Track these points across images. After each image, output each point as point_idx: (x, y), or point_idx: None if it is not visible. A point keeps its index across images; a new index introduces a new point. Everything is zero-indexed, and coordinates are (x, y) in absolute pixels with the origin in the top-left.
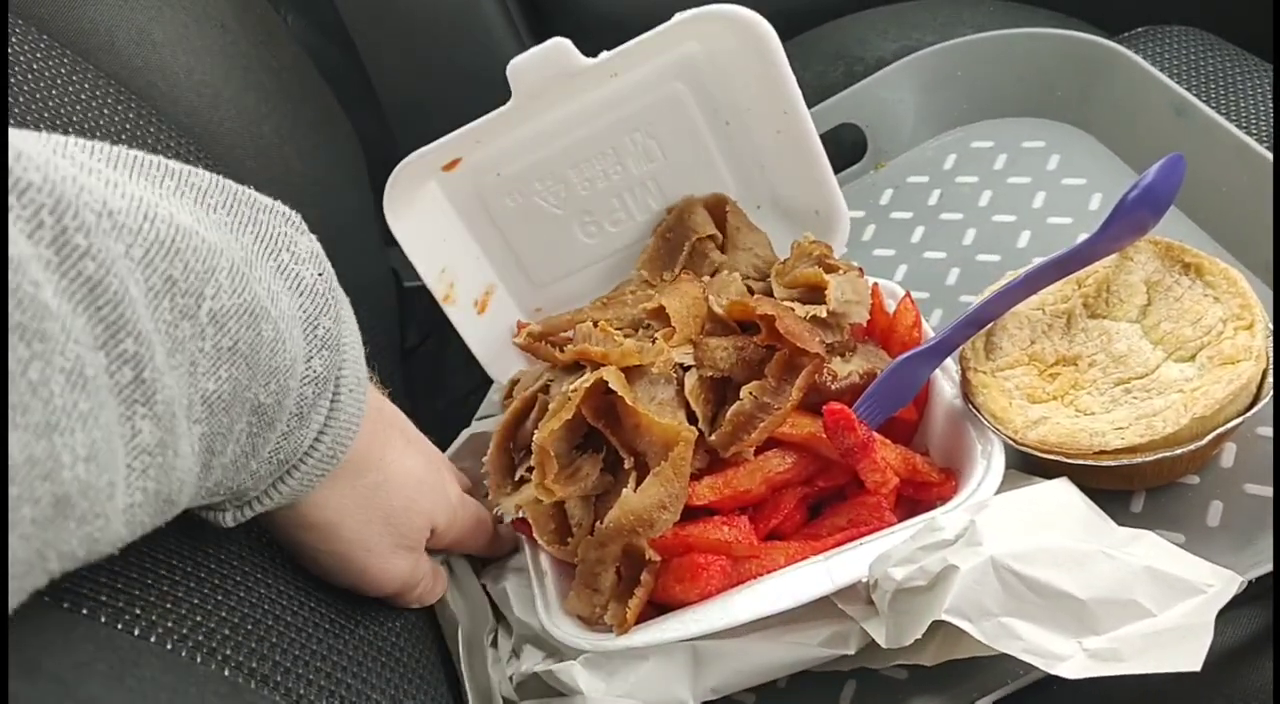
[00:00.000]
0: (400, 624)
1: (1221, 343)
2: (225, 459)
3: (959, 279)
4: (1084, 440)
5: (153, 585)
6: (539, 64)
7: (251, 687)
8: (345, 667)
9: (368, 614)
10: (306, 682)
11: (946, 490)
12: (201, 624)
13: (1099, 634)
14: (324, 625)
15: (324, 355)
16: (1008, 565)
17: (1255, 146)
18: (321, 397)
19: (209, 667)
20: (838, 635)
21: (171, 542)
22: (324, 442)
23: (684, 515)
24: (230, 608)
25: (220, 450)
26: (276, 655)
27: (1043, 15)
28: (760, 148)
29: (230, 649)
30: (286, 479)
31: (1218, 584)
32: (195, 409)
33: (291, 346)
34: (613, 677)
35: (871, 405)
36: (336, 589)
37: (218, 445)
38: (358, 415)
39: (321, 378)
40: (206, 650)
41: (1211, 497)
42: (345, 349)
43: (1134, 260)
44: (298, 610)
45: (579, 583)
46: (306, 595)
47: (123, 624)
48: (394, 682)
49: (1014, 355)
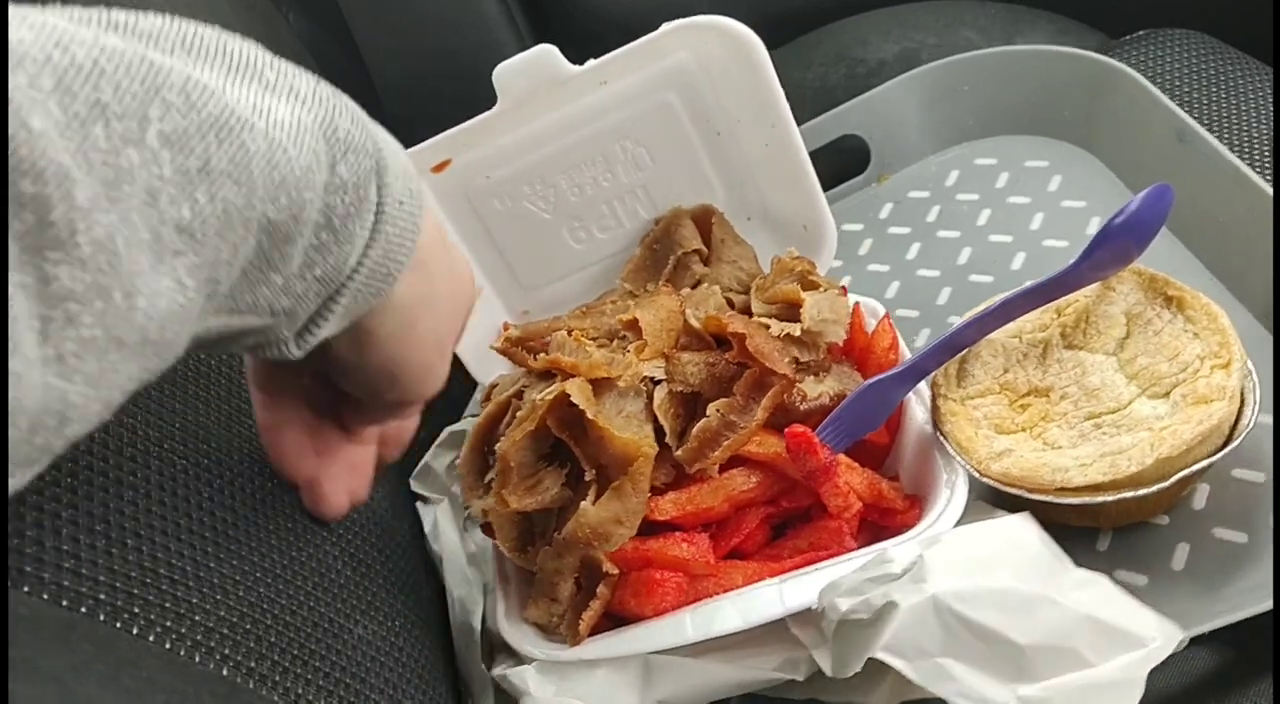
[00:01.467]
0: (400, 624)
1: (1196, 381)
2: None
3: (950, 299)
4: (1046, 476)
5: (151, 584)
6: (525, 70)
7: (250, 686)
8: (344, 666)
9: (367, 614)
10: (305, 681)
11: (910, 518)
12: (200, 623)
13: (1034, 682)
14: (323, 625)
15: (350, 160)
16: (949, 606)
17: (1255, 178)
18: (361, 207)
19: (207, 666)
20: (790, 661)
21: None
22: (371, 256)
23: (647, 530)
24: (229, 607)
25: (224, 278)
26: (275, 655)
27: (1044, 18)
28: (750, 159)
29: (229, 648)
30: (339, 297)
31: (1160, 639)
32: (169, 240)
33: (300, 155)
34: (563, 682)
35: (837, 428)
36: (336, 589)
37: (221, 273)
38: (410, 230)
39: (353, 184)
40: (205, 649)
41: (1179, 539)
42: (382, 155)
43: (1116, 291)
44: (297, 610)
45: (538, 591)
46: (306, 595)
47: (121, 623)
48: (393, 682)
49: (985, 384)
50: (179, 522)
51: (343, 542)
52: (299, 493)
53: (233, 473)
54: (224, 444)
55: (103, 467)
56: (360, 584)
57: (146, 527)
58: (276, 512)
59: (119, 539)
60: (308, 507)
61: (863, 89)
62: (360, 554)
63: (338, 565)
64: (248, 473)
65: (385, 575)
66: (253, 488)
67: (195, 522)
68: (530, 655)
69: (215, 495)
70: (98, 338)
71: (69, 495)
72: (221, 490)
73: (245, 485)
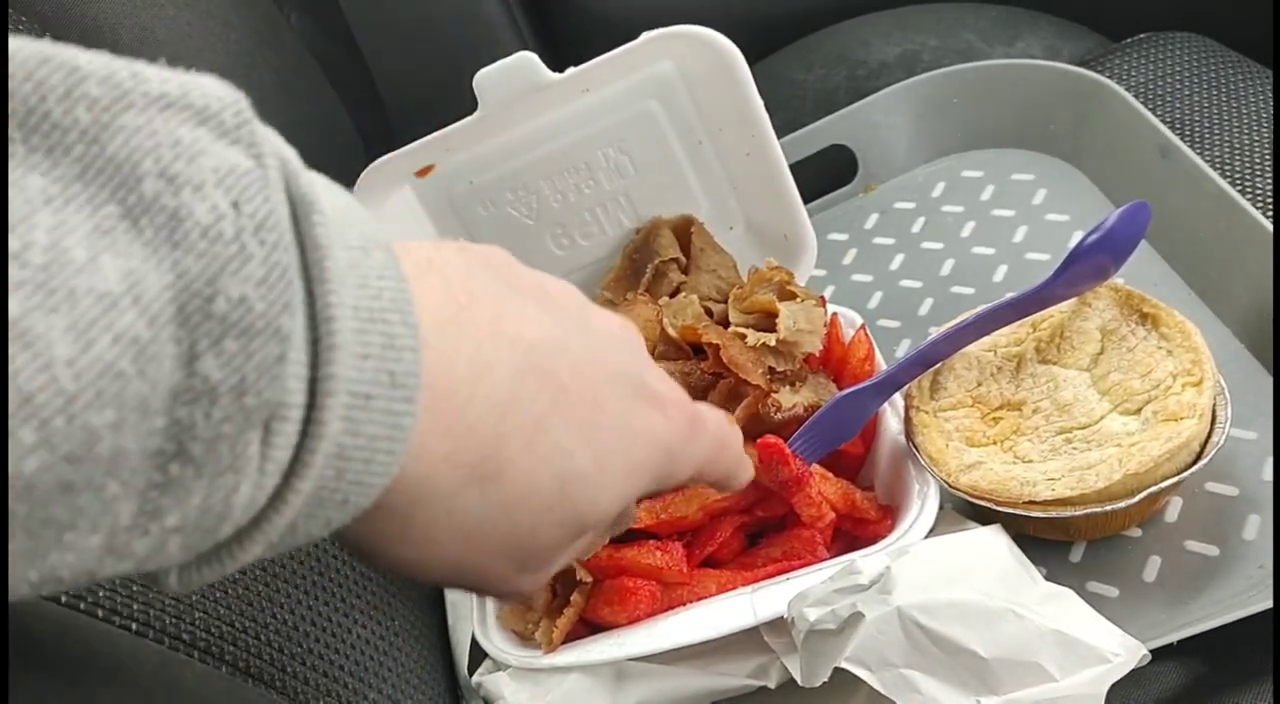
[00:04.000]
0: (400, 624)
1: (1168, 398)
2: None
3: (931, 310)
4: (1014, 489)
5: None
6: (504, 77)
7: (249, 685)
8: (343, 666)
9: (367, 614)
10: (304, 681)
11: (883, 528)
12: (200, 622)
13: (997, 694)
14: (322, 624)
15: (231, 346)
16: (914, 617)
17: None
18: (249, 417)
19: (207, 665)
20: (761, 668)
21: None
22: (300, 488)
23: (623, 538)
24: (229, 606)
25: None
26: (274, 654)
27: (1044, 20)
28: (732, 169)
29: (228, 647)
30: (247, 539)
31: (1123, 654)
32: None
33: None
34: (537, 688)
35: (810, 439)
36: (336, 589)
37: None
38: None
39: (230, 387)
40: (204, 648)
41: (1151, 551)
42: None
43: (1092, 307)
44: (295, 609)
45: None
46: (305, 594)
47: (120, 621)
48: (392, 681)
49: (958, 396)
50: None
51: None
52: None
53: None
54: None
55: None
56: (360, 584)
57: None
58: None
59: None
60: None
61: (863, 91)
62: None
63: (337, 565)
64: None
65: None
66: None
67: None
68: (505, 661)
69: None
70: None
71: None
72: None
73: None
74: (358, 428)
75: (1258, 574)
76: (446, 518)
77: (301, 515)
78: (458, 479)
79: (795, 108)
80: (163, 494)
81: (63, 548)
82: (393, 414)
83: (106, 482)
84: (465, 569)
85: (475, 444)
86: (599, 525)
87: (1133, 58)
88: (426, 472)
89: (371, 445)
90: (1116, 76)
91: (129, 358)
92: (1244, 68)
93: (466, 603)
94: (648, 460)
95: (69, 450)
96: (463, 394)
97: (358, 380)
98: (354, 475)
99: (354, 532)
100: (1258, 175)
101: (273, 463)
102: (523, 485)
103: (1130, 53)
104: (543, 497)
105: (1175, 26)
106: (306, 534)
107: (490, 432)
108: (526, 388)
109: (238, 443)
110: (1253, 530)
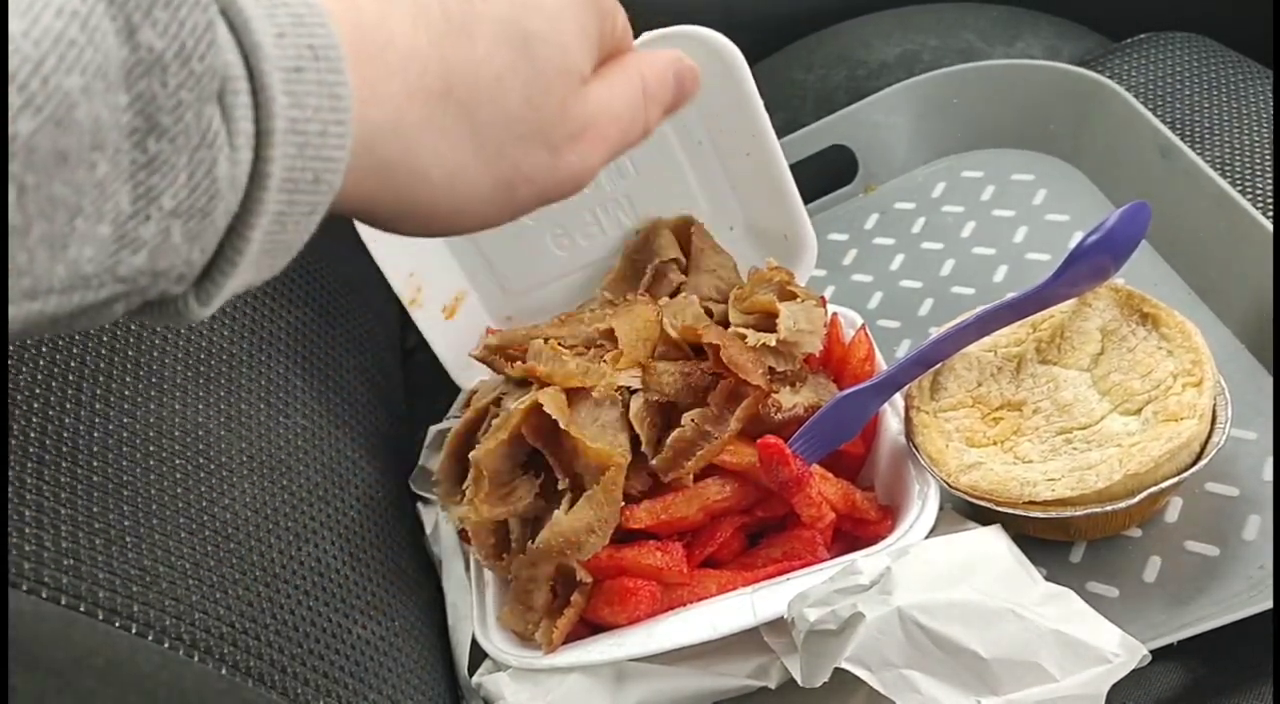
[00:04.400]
0: (400, 624)
1: (1168, 399)
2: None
3: (931, 310)
4: (1014, 489)
5: (151, 583)
6: None
7: (249, 685)
8: (343, 666)
9: (367, 614)
10: (304, 681)
11: (883, 529)
12: (199, 622)
13: (997, 694)
14: (322, 624)
15: (163, 15)
16: (914, 617)
17: (1237, 197)
18: (205, 84)
19: (206, 665)
20: (761, 668)
21: (171, 541)
22: (273, 155)
23: (623, 538)
24: (228, 606)
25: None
26: (274, 654)
27: (1045, 20)
28: (732, 169)
29: (228, 647)
30: (244, 232)
31: (1123, 654)
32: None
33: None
34: (537, 688)
35: (810, 439)
36: (336, 589)
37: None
38: (335, 86)
39: (176, 54)
40: (204, 648)
41: (1152, 552)
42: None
43: (1092, 307)
44: (295, 609)
45: (513, 599)
46: (305, 594)
47: (120, 621)
48: (392, 682)
49: (958, 396)
50: (179, 522)
51: (342, 541)
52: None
53: (233, 473)
54: (224, 444)
55: (102, 466)
56: (360, 584)
57: (146, 527)
58: (276, 511)
59: (119, 539)
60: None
61: (863, 91)
62: (360, 554)
63: (337, 565)
64: (248, 473)
65: (385, 575)
66: (253, 488)
67: (195, 522)
68: (505, 662)
69: (215, 495)
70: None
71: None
72: (221, 490)
73: (245, 485)
74: (301, 100)
75: (1258, 574)
76: (442, 140)
77: (284, 202)
78: (426, 104)
79: (795, 108)
80: (150, 173)
81: (80, 240)
82: (326, 84)
83: (95, 158)
84: (501, 178)
85: (419, 66)
86: (579, 66)
87: (1133, 58)
88: (394, 115)
89: (319, 117)
90: (1117, 77)
91: (76, 27)
92: (1244, 68)
93: (466, 603)
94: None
95: (52, 112)
96: (382, 34)
97: (282, 56)
98: (314, 151)
99: (382, 203)
100: (1258, 175)
101: (240, 136)
102: (484, 71)
103: (1130, 53)
104: (505, 67)
105: (1175, 26)
106: (297, 228)
107: (428, 50)
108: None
109: (201, 114)
110: (1253, 531)
